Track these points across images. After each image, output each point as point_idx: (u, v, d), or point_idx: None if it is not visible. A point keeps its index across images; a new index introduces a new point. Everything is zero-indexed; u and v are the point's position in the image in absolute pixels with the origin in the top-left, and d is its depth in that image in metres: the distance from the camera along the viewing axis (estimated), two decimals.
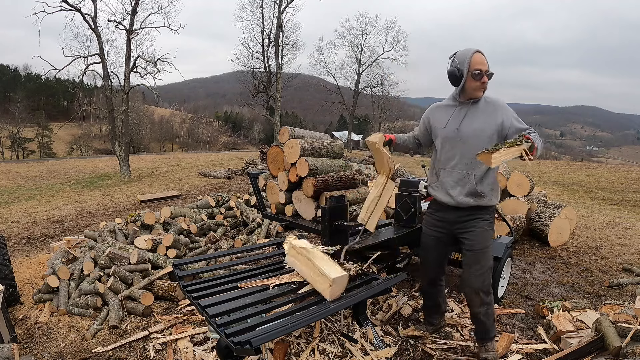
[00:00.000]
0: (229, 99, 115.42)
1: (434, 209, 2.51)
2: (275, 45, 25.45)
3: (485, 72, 2.20)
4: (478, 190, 2.25)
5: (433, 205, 2.52)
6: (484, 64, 2.19)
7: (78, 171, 16.14)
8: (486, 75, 2.20)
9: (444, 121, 2.35)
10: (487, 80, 2.22)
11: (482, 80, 2.20)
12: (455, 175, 2.29)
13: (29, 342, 2.78)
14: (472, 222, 2.32)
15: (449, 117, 2.33)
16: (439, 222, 2.45)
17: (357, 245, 2.57)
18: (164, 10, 15.28)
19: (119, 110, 14.90)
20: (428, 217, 2.55)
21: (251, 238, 4.87)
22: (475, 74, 2.18)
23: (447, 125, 2.32)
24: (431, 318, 2.72)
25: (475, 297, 2.31)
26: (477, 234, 2.31)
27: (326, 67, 34.67)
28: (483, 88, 2.24)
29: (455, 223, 2.37)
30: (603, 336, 2.29)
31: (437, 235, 2.47)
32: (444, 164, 2.34)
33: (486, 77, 2.21)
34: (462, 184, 2.28)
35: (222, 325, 1.76)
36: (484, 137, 2.20)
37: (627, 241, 5.16)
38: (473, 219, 2.32)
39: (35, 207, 8.52)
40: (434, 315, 2.71)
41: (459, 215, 2.34)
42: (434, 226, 2.48)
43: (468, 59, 2.18)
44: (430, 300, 2.69)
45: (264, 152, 14.32)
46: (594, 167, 16.43)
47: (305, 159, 2.79)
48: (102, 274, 3.44)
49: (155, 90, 15.81)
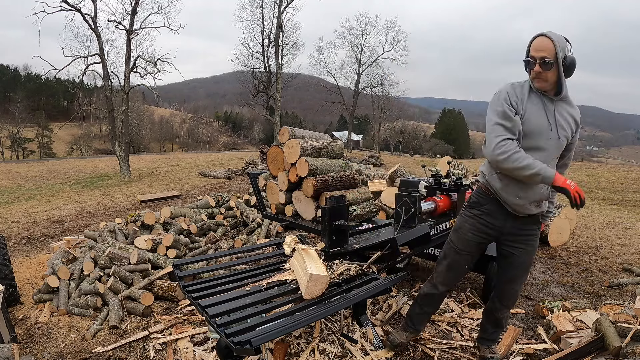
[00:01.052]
0: (229, 99, 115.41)
1: (482, 211, 2.12)
2: (275, 45, 25.43)
3: (541, 60, 1.85)
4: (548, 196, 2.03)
5: (482, 207, 2.13)
6: (539, 50, 1.85)
7: (78, 171, 16.14)
8: (540, 64, 1.85)
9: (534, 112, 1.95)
10: (540, 69, 1.86)
11: (534, 69, 1.89)
12: None
13: (29, 342, 2.78)
14: (527, 237, 2.11)
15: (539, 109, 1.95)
16: (488, 228, 2.12)
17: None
18: (164, 10, 15.30)
19: (119, 110, 14.90)
20: (472, 219, 2.15)
21: (251, 238, 4.87)
22: (527, 61, 1.92)
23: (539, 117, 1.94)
24: (421, 325, 2.50)
25: (506, 309, 2.29)
26: (529, 252, 2.13)
27: (326, 67, 34.65)
28: (539, 79, 1.90)
29: (508, 234, 2.11)
30: (603, 336, 2.29)
31: (480, 242, 2.17)
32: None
33: (539, 66, 1.86)
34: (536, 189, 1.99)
35: (222, 325, 1.76)
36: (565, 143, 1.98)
37: (627, 241, 5.16)
38: (529, 233, 2.11)
39: (35, 207, 8.52)
40: (424, 322, 2.52)
41: (517, 226, 2.08)
42: (479, 232, 2.14)
43: (529, 44, 1.91)
44: (432, 307, 2.44)
45: (264, 152, 14.32)
46: (594, 167, 16.43)
47: (305, 159, 2.79)
48: (102, 274, 3.44)
49: (155, 90, 15.81)
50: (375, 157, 19.23)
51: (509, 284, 2.21)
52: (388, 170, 5.82)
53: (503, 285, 2.24)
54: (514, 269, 2.16)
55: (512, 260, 2.15)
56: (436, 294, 2.35)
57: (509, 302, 2.26)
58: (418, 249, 3.20)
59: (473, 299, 3.31)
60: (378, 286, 2.24)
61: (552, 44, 1.83)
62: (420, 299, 2.43)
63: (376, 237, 2.79)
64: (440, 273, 2.32)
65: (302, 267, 2.19)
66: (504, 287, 2.23)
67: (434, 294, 2.36)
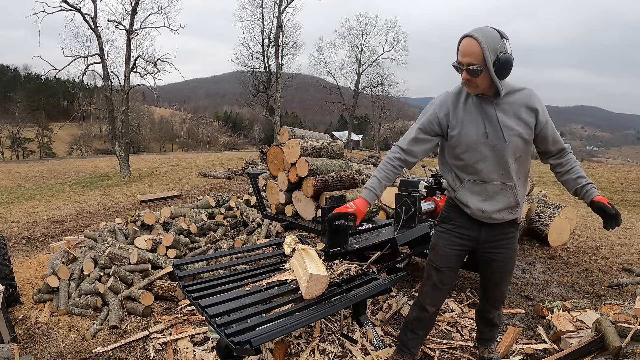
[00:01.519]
0: (229, 99, 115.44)
1: (455, 224, 2.03)
2: (275, 45, 25.45)
3: (467, 67, 1.66)
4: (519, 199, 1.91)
5: (453, 220, 2.04)
6: (465, 55, 1.66)
7: (78, 171, 16.15)
8: (466, 71, 1.67)
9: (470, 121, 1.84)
10: (468, 76, 1.69)
11: (462, 76, 1.72)
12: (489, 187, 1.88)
13: (29, 342, 2.78)
14: (505, 242, 2.01)
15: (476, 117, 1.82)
16: (465, 240, 2.03)
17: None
18: (164, 10, 15.33)
19: (119, 110, 14.92)
20: (447, 234, 2.05)
21: (251, 238, 4.87)
22: (455, 66, 1.73)
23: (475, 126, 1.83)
24: (417, 348, 2.29)
25: (495, 309, 2.27)
26: (509, 254, 2.04)
27: (326, 67, 34.69)
28: (469, 86, 1.75)
29: (485, 242, 2.01)
30: (603, 336, 2.29)
31: (460, 254, 2.06)
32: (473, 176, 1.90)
33: (466, 73, 1.68)
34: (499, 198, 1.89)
35: (222, 325, 1.76)
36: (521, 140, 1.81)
37: (627, 241, 5.16)
38: (507, 238, 2.01)
39: (35, 207, 8.52)
40: (419, 345, 2.32)
41: (493, 234, 1.99)
42: (457, 245, 2.03)
43: (457, 45, 1.71)
44: (425, 330, 2.26)
45: (264, 152, 14.33)
46: (594, 167, 16.43)
47: (305, 159, 2.80)
48: (102, 274, 3.44)
49: (155, 90, 15.82)
50: (375, 157, 19.22)
51: (494, 287, 2.16)
52: None
53: (489, 290, 2.19)
54: (497, 273, 2.09)
55: (494, 266, 2.06)
56: (426, 316, 2.18)
57: (497, 303, 2.24)
58: (418, 249, 3.20)
59: (473, 299, 3.31)
60: (378, 286, 2.23)
61: (479, 47, 1.62)
62: (411, 324, 2.25)
63: (376, 237, 2.80)
64: (427, 294, 2.16)
65: (302, 267, 2.18)
66: (490, 291, 2.19)
67: (424, 317, 2.19)
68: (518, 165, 1.87)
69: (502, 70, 1.66)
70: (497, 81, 1.68)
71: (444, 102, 1.89)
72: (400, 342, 2.31)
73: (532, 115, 1.79)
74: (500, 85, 1.71)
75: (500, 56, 1.64)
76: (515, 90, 1.80)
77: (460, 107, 1.85)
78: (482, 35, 1.63)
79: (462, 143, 1.84)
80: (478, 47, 1.62)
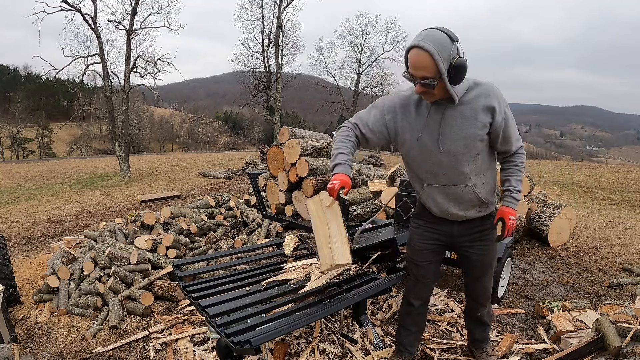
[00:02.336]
0: (229, 99, 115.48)
1: (427, 220, 2.04)
2: (275, 45, 25.44)
3: (421, 80, 1.58)
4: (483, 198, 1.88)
5: (425, 217, 2.05)
6: (417, 69, 1.57)
7: (78, 171, 16.15)
8: (420, 84, 1.59)
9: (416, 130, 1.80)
10: (423, 89, 1.61)
11: (416, 89, 1.65)
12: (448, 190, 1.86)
13: (29, 342, 2.78)
14: (481, 235, 2.00)
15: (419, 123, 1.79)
16: (437, 234, 2.03)
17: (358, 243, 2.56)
18: (164, 10, 15.31)
19: (119, 110, 14.91)
20: (419, 230, 2.07)
21: (251, 238, 4.87)
22: (406, 77, 1.64)
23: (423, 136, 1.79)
24: (412, 347, 2.28)
25: (482, 306, 2.25)
26: (487, 247, 2.03)
27: (326, 67, 34.62)
28: (426, 95, 1.67)
29: (460, 236, 2.01)
30: (603, 336, 2.29)
31: (435, 248, 2.07)
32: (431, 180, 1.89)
33: (420, 87, 1.60)
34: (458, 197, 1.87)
35: (222, 325, 1.77)
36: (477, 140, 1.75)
37: (627, 241, 5.16)
38: (481, 230, 1.99)
39: (35, 207, 8.52)
40: (416, 343, 2.31)
41: (465, 229, 1.98)
42: (430, 240, 2.05)
43: (405, 54, 1.61)
44: (417, 325, 2.26)
45: (264, 152, 14.33)
46: (594, 167, 16.43)
47: (305, 159, 2.80)
48: (102, 274, 3.44)
49: (155, 91, 15.81)
50: (375, 157, 19.22)
51: (475, 282, 2.15)
52: (388, 170, 5.82)
53: (471, 285, 2.19)
54: (477, 267, 2.08)
55: (473, 260, 2.05)
56: (413, 310, 2.21)
57: (480, 298, 2.21)
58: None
59: None
60: (378, 286, 2.24)
61: (432, 60, 1.52)
62: (402, 319, 2.28)
63: (376, 237, 2.80)
64: (410, 289, 2.21)
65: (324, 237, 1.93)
66: (473, 286, 2.18)
67: (411, 311, 2.22)
68: (477, 165, 1.81)
69: (457, 75, 1.58)
70: (451, 90, 1.61)
71: (392, 106, 1.83)
72: (397, 341, 2.33)
73: (488, 114, 1.71)
74: (455, 92, 1.64)
75: (454, 63, 1.55)
76: (472, 88, 1.71)
77: (411, 111, 1.80)
78: (433, 44, 1.52)
79: (414, 148, 1.82)
80: (430, 60, 1.52)
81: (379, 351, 2.46)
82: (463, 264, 2.17)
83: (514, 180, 1.88)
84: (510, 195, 1.88)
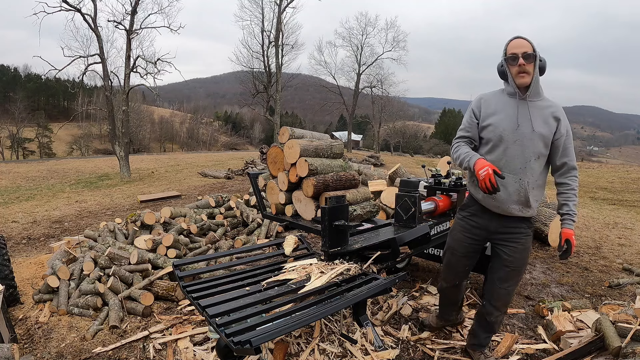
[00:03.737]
0: (229, 99, 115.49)
1: (470, 212, 2.28)
2: (275, 45, 25.44)
3: (523, 53, 1.96)
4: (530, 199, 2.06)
5: (469, 208, 2.29)
6: (519, 47, 1.97)
7: (78, 171, 16.14)
8: (522, 57, 1.96)
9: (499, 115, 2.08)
10: (524, 62, 1.96)
11: (518, 63, 1.97)
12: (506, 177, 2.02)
13: (29, 342, 2.78)
14: (515, 236, 2.16)
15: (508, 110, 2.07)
16: (475, 228, 2.24)
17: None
18: (164, 10, 15.32)
19: (119, 110, 14.92)
20: (462, 221, 2.32)
21: (251, 238, 4.87)
22: (509, 57, 2.00)
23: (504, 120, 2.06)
24: (448, 315, 2.66)
25: (498, 311, 2.28)
26: (519, 250, 2.16)
27: (326, 67, 34.67)
28: (523, 72, 1.98)
29: (495, 233, 2.19)
30: (603, 336, 2.29)
31: (471, 242, 2.27)
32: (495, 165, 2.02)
33: (522, 59, 1.96)
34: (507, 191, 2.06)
35: (222, 325, 1.76)
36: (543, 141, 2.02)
37: (627, 241, 5.16)
38: (516, 232, 2.16)
39: (35, 207, 8.52)
40: (451, 312, 2.65)
41: (502, 225, 2.16)
42: (468, 232, 2.27)
43: (505, 46, 2.03)
44: (448, 299, 2.59)
45: (264, 152, 14.34)
46: (594, 167, 16.43)
47: (305, 159, 2.79)
48: (102, 274, 3.44)
49: (155, 90, 15.82)
50: (375, 157, 19.23)
51: (500, 283, 2.21)
52: (388, 170, 5.82)
53: (494, 285, 2.24)
54: (504, 268, 2.19)
55: (502, 259, 2.19)
56: (443, 288, 2.53)
57: (499, 303, 2.25)
58: (418, 249, 3.20)
59: (473, 299, 3.31)
60: (378, 286, 2.23)
61: (529, 42, 1.99)
62: (439, 293, 2.66)
63: (376, 237, 2.79)
64: (443, 271, 2.51)
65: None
66: (495, 286, 2.23)
67: (442, 289, 2.55)
68: (537, 165, 2.05)
69: (541, 69, 2.01)
70: (537, 73, 1.99)
71: (478, 102, 2.19)
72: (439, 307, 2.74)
73: (555, 123, 2.03)
74: (537, 81, 2.00)
75: (541, 57, 2.00)
76: (546, 100, 2.07)
77: (493, 100, 2.13)
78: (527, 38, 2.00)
79: (494, 130, 2.08)
80: (529, 44, 1.98)
81: (378, 351, 2.46)
82: (493, 262, 2.28)
83: (572, 204, 2.10)
84: (570, 219, 2.08)
